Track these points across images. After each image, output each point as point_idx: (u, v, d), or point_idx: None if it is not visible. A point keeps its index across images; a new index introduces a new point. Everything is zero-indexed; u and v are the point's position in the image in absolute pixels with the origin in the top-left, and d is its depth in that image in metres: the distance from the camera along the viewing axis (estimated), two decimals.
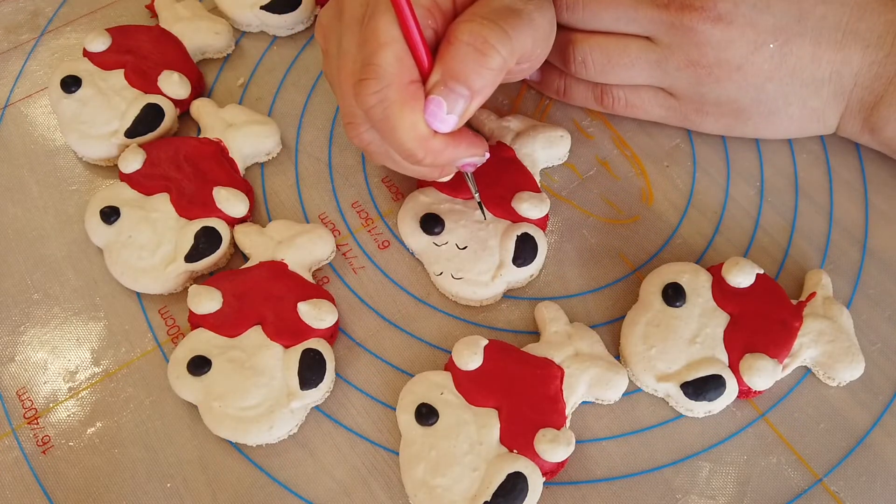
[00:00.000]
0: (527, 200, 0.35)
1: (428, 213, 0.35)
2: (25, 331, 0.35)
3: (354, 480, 0.32)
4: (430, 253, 0.35)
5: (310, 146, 0.40)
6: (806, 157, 0.39)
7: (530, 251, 0.34)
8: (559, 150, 0.38)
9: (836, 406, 0.33)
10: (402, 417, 0.31)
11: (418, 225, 0.35)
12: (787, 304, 0.33)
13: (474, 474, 0.30)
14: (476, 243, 0.35)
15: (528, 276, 0.35)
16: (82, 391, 0.34)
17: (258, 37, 0.43)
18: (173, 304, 0.35)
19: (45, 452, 0.32)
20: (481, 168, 0.33)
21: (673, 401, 0.33)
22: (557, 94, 0.39)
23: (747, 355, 0.32)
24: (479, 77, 0.29)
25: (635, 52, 0.35)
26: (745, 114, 0.36)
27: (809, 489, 0.31)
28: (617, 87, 0.38)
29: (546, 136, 0.37)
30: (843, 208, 0.37)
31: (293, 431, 0.32)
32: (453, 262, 0.35)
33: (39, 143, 0.40)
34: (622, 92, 0.38)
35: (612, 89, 0.38)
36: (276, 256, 0.35)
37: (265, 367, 0.32)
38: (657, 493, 0.31)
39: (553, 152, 0.38)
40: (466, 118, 0.30)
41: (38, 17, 0.44)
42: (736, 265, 0.33)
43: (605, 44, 0.36)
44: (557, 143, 0.38)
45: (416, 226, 0.35)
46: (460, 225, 0.35)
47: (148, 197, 0.36)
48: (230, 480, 0.32)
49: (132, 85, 0.39)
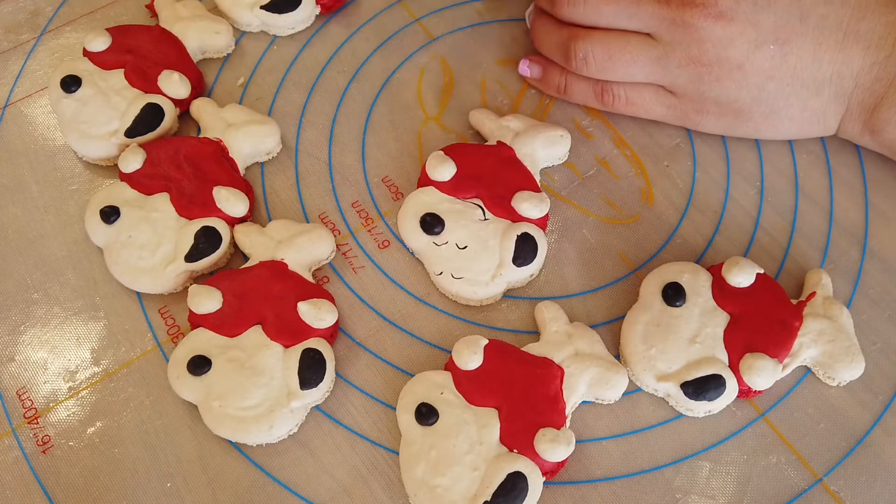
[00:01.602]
0: (527, 200, 0.35)
1: (428, 213, 0.35)
2: (25, 330, 0.35)
3: (354, 480, 0.32)
4: (430, 253, 0.35)
5: (310, 146, 0.40)
6: (806, 157, 0.39)
7: (530, 251, 0.34)
8: (559, 149, 0.38)
9: (836, 406, 0.33)
10: (402, 417, 0.31)
11: (418, 224, 0.35)
12: (787, 303, 0.33)
13: (474, 474, 0.30)
14: (476, 243, 0.35)
15: (528, 276, 0.35)
16: (82, 391, 0.34)
17: (258, 36, 0.43)
18: (173, 304, 0.35)
19: (45, 452, 0.32)
20: (480, 168, 0.33)
21: (673, 400, 0.33)
22: (558, 92, 0.39)
23: (747, 355, 0.32)
24: None
25: (636, 49, 0.35)
26: (746, 114, 0.36)
27: (809, 489, 0.31)
28: (617, 85, 0.38)
29: (546, 135, 0.37)
30: (844, 208, 0.37)
31: (293, 431, 0.32)
32: (453, 262, 0.35)
33: (39, 142, 0.40)
34: (622, 90, 0.38)
35: (613, 87, 0.38)
36: (276, 256, 0.35)
37: (265, 366, 0.32)
38: (657, 492, 0.31)
39: (553, 152, 0.38)
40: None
41: (37, 17, 0.44)
42: (736, 265, 0.33)
43: (606, 40, 0.36)
44: (557, 142, 0.38)
45: (416, 225, 0.35)
46: (460, 225, 0.35)
47: (148, 197, 0.36)
48: (230, 480, 0.32)
49: (132, 84, 0.39)
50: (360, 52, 0.42)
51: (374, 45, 0.43)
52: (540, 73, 0.39)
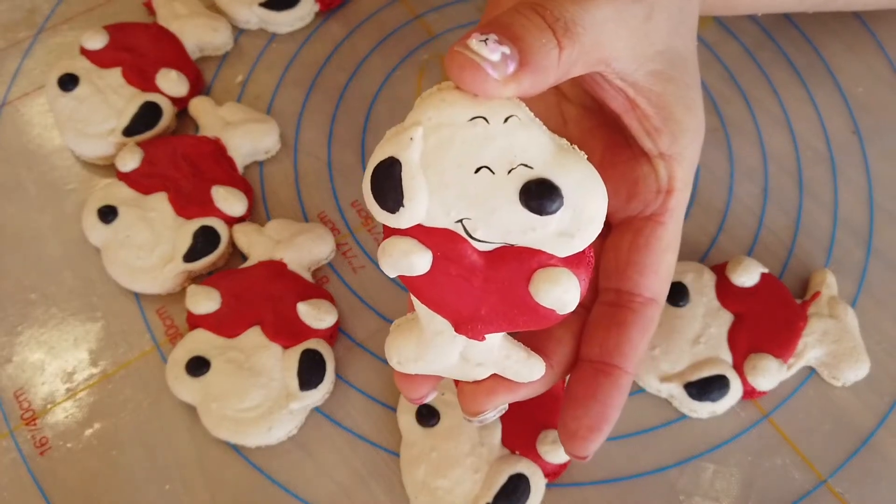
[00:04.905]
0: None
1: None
2: (23, 331, 0.35)
3: (355, 482, 0.31)
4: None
5: (309, 145, 0.39)
6: (810, 154, 0.38)
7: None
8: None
9: (840, 406, 0.33)
10: (403, 418, 0.31)
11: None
12: (791, 303, 0.33)
13: (476, 476, 0.30)
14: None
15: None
16: (80, 392, 0.33)
17: (257, 34, 0.43)
18: (171, 305, 0.35)
19: (42, 454, 0.32)
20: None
21: (676, 401, 0.32)
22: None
23: (752, 355, 0.32)
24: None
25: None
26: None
27: (814, 490, 0.31)
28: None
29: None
30: (848, 207, 0.37)
31: (292, 433, 0.32)
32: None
33: (36, 141, 0.40)
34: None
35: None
36: (275, 256, 0.34)
37: (264, 367, 0.32)
38: (661, 494, 0.31)
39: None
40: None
41: (35, 15, 0.44)
42: (740, 264, 0.33)
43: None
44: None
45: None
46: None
47: (146, 196, 0.36)
48: (229, 482, 0.31)
49: (130, 83, 0.39)
50: (359, 49, 0.42)
51: (374, 43, 0.42)
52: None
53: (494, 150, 0.19)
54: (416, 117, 0.20)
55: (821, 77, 0.41)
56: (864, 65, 0.41)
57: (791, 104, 0.40)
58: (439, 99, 0.20)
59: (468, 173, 0.20)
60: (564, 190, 0.19)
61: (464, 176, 0.20)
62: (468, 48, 0.19)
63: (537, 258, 0.20)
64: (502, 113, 0.19)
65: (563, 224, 0.20)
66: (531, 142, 0.20)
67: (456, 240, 0.20)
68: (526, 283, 0.21)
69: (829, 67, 0.41)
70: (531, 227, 0.20)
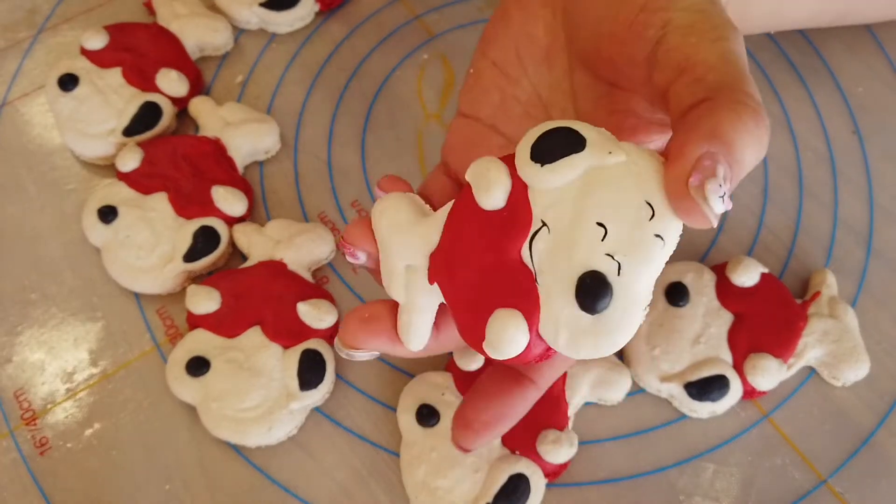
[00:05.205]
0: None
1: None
2: (23, 331, 0.35)
3: (355, 482, 0.31)
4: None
5: (309, 144, 0.39)
6: (810, 154, 0.38)
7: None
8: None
9: (840, 406, 0.33)
10: (403, 418, 0.31)
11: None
12: (791, 303, 0.33)
13: (476, 476, 0.30)
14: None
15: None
16: (80, 392, 0.33)
17: (257, 34, 0.43)
18: (171, 305, 0.35)
19: (42, 454, 0.32)
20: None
21: (676, 401, 0.32)
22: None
23: (752, 355, 0.32)
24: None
25: None
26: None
27: (814, 490, 0.31)
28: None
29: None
30: (848, 207, 0.37)
31: (293, 433, 0.32)
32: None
33: (36, 142, 0.40)
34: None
35: None
36: (276, 256, 0.34)
37: (264, 367, 0.32)
38: (661, 494, 0.31)
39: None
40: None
41: (35, 15, 0.44)
42: (740, 264, 0.33)
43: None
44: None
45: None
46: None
47: (146, 196, 0.36)
48: (229, 482, 0.31)
49: (130, 83, 0.39)
50: (359, 49, 0.42)
51: (374, 43, 0.42)
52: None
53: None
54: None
55: (821, 77, 0.41)
56: (864, 65, 0.41)
57: (791, 104, 0.40)
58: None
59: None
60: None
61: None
62: (703, 197, 0.18)
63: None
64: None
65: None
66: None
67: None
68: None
69: (829, 67, 0.41)
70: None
